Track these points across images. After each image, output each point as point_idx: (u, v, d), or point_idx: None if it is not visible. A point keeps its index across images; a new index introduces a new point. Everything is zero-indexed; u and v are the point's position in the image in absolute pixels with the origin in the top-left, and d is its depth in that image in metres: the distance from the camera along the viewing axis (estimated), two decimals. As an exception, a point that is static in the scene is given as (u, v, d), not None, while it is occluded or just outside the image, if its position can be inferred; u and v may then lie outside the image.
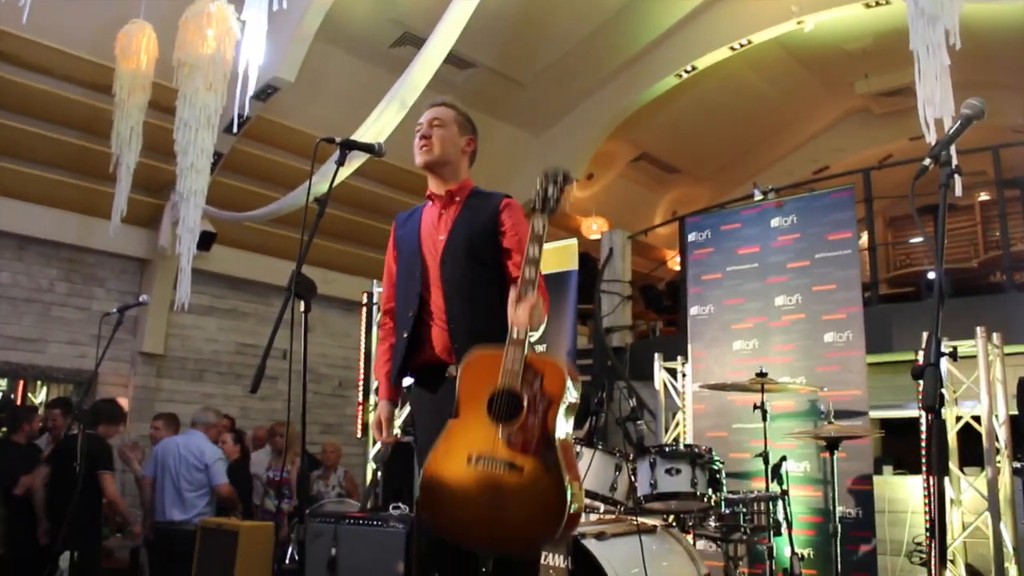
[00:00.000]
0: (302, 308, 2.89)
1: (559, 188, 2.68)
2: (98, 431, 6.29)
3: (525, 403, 2.57)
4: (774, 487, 4.79)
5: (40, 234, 8.81)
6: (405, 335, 2.98)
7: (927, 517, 5.58)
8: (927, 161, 2.23)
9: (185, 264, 7.26)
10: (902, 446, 7.99)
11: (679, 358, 6.90)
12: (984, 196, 12.83)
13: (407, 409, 7.63)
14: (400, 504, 5.81)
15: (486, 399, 2.60)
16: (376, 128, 7.01)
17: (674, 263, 12.21)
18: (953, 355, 5.87)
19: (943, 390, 1.92)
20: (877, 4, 8.50)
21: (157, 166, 8.30)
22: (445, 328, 2.91)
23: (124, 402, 9.11)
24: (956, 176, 2.47)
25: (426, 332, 2.96)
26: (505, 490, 2.52)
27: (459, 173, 3.10)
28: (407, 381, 3.08)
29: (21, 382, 9.14)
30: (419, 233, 3.08)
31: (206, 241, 8.77)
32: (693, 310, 6.67)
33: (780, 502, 4.71)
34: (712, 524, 4.57)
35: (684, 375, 6.81)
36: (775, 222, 6.31)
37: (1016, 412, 5.50)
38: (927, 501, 5.57)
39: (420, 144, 3.03)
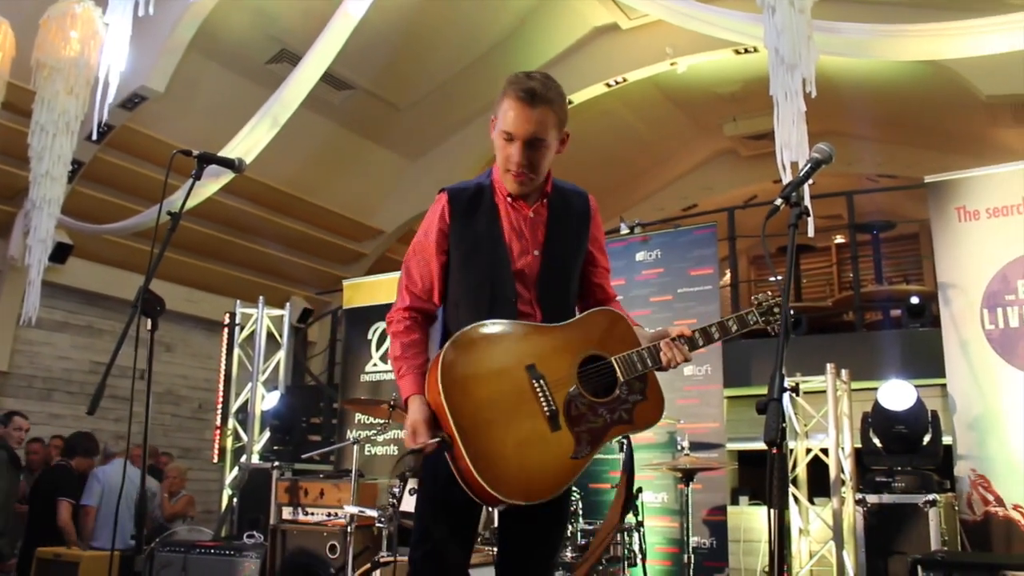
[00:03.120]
0: (149, 327, 2.77)
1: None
2: (72, 463, 6.71)
3: (614, 395, 2.38)
4: (630, 518, 4.85)
5: None
6: None
7: (770, 549, 5.76)
8: (778, 201, 2.31)
9: (35, 276, 6.91)
10: (759, 477, 8.25)
11: (545, 387, 6.92)
12: (840, 239, 13.48)
13: (266, 434, 7.45)
14: (255, 533, 5.63)
15: (587, 351, 2.40)
16: (247, 144, 6.86)
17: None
18: (795, 391, 6.02)
19: (785, 424, 1.97)
20: (746, 51, 8.85)
21: (9, 171, 7.90)
22: None
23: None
24: (807, 217, 2.58)
25: None
26: (529, 419, 2.25)
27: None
28: None
29: None
30: (503, 236, 2.54)
31: (61, 253, 8.38)
32: (559, 340, 6.72)
33: (636, 533, 4.78)
34: (568, 555, 4.58)
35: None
36: (640, 256, 6.46)
37: (860, 445, 5.76)
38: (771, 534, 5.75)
39: (518, 176, 2.56)
